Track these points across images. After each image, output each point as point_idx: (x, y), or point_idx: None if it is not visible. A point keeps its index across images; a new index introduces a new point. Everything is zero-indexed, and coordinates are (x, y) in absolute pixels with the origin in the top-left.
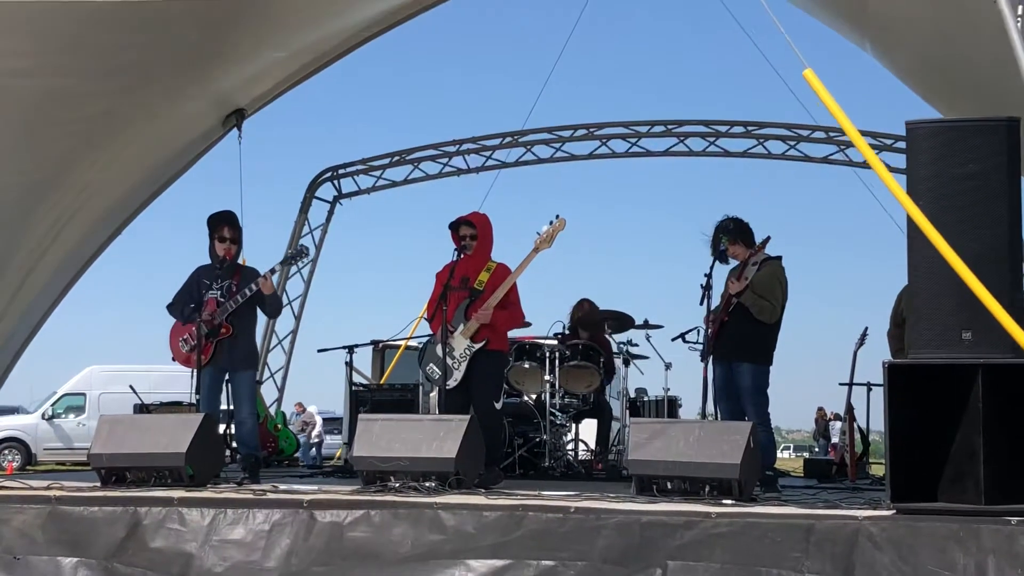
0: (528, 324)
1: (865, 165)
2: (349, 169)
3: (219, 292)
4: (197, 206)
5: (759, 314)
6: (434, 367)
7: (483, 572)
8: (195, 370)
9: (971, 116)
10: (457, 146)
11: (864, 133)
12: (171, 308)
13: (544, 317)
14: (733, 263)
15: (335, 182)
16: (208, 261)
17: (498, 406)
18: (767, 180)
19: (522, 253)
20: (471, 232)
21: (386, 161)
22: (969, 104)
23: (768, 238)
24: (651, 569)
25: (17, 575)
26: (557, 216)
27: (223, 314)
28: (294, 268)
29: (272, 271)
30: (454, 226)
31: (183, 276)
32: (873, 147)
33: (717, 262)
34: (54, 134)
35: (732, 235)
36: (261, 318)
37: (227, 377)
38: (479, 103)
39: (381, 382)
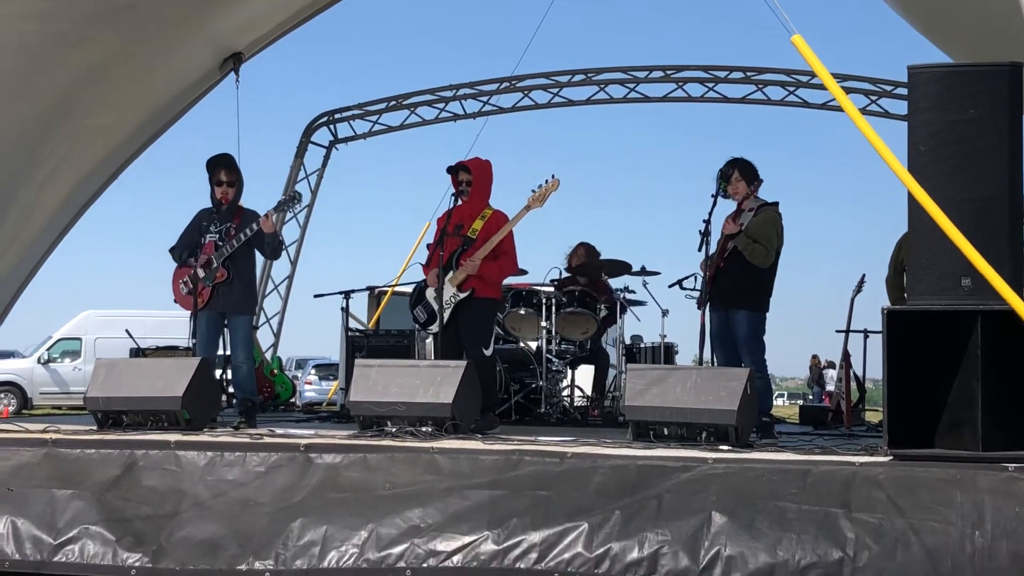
0: (524, 272)
1: (863, 111)
2: (345, 114)
3: (218, 235)
4: (194, 151)
5: (752, 257)
6: (420, 310)
7: (479, 500)
8: (192, 313)
9: (973, 56)
10: (454, 91)
11: (865, 79)
12: (172, 251)
13: (540, 263)
14: (733, 206)
15: (331, 127)
16: (210, 205)
17: (488, 352)
18: (766, 126)
19: (517, 200)
20: (467, 178)
21: (382, 106)
22: (969, 45)
23: (760, 181)
24: (647, 500)
25: (10, 505)
26: (552, 176)
27: (220, 257)
28: (289, 214)
29: (266, 215)
30: (453, 171)
31: (179, 221)
32: (874, 93)
33: (720, 197)
34: (53, 78)
35: (739, 166)
36: (261, 263)
37: (225, 321)
38: (476, 48)
39: (370, 325)
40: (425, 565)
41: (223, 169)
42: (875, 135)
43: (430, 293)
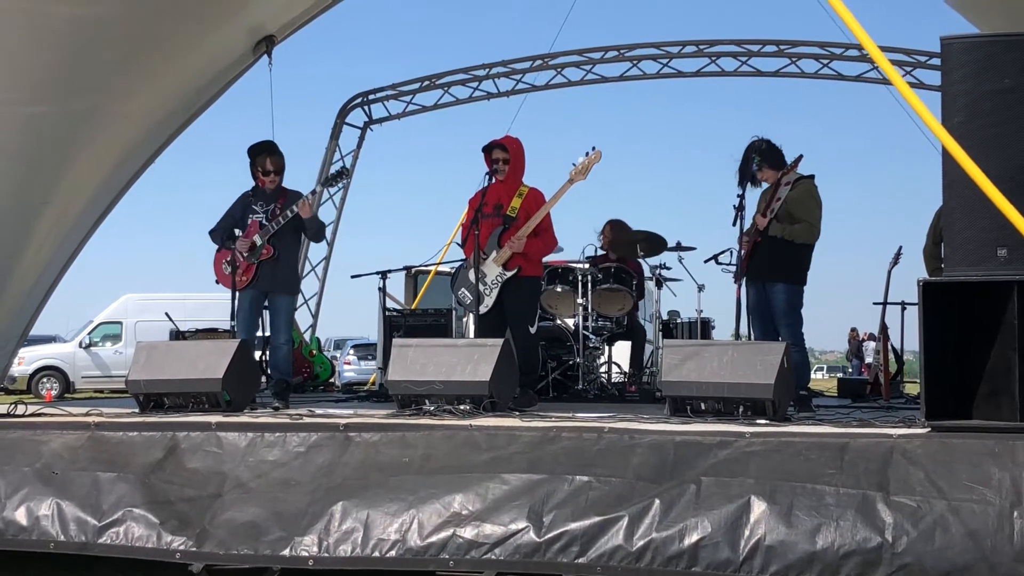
0: (560, 249)
1: None
2: (379, 95)
3: (263, 215)
4: (229, 134)
5: (795, 238)
6: (466, 292)
7: (518, 485)
8: (232, 292)
9: (1004, 30)
10: (487, 70)
11: (899, 50)
12: (212, 233)
13: (575, 240)
14: (764, 187)
15: (365, 108)
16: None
17: (533, 330)
18: (800, 100)
19: (553, 177)
20: (503, 156)
21: (416, 86)
22: (1001, 18)
23: (800, 156)
24: (685, 484)
25: (55, 488)
26: (593, 148)
27: (266, 235)
28: (325, 195)
29: (313, 192)
30: (487, 149)
31: (215, 204)
32: (907, 64)
33: (749, 184)
34: (89, 63)
35: (763, 156)
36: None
37: (266, 302)
38: (509, 27)
39: (413, 307)
40: (468, 556)
41: (268, 157)
42: (912, 94)
43: (472, 274)
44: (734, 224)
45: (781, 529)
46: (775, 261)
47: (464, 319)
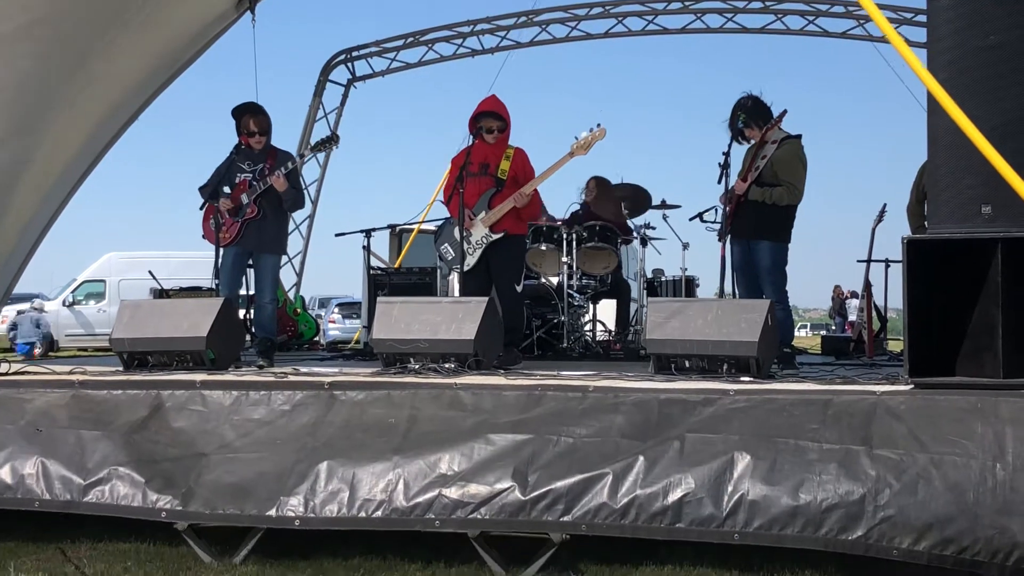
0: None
1: (884, 40)
2: (363, 52)
3: (251, 175)
4: (213, 91)
5: (777, 201)
6: (448, 247)
7: (504, 445)
8: (216, 248)
9: None
10: (471, 26)
11: (884, 7)
12: (202, 189)
13: (560, 199)
14: (750, 145)
15: (349, 65)
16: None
17: (519, 289)
18: (785, 58)
19: (538, 134)
20: (499, 124)
21: (400, 43)
22: None
23: (784, 111)
24: (669, 442)
25: (39, 446)
26: (598, 124)
27: (252, 194)
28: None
29: (300, 156)
30: (476, 118)
31: (198, 162)
32: (894, 20)
33: (734, 142)
34: (69, 22)
35: (749, 113)
36: None
37: (250, 260)
38: None
39: (396, 265)
40: (454, 516)
41: (252, 118)
42: (903, 43)
43: (457, 232)
44: (719, 182)
45: (764, 484)
46: (759, 220)
47: (448, 277)
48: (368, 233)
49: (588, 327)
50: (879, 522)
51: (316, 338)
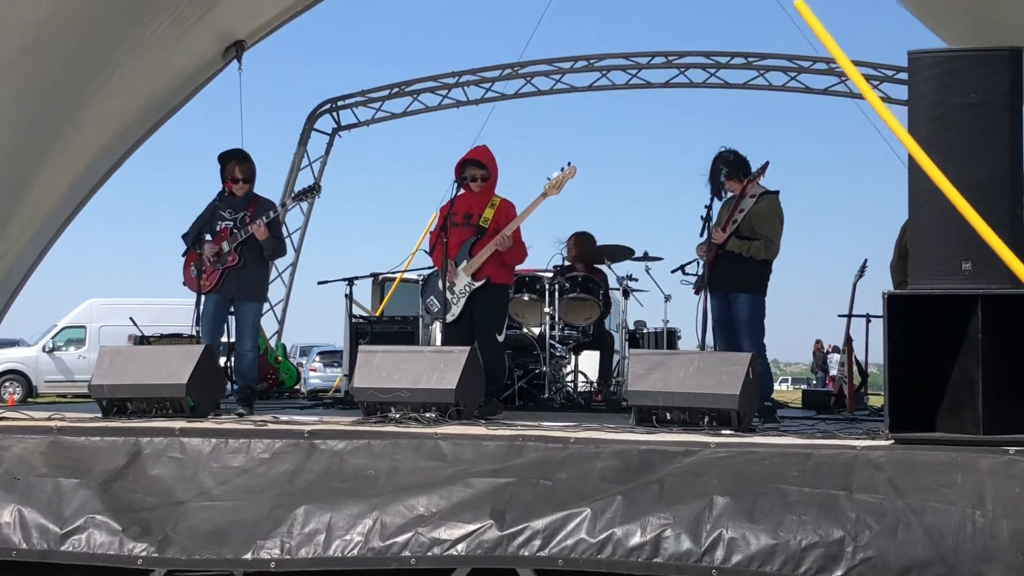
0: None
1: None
2: (348, 101)
3: (233, 222)
4: (198, 139)
5: (753, 254)
6: (435, 300)
7: (483, 488)
8: (197, 295)
9: (970, 43)
10: (456, 78)
11: (866, 64)
12: (185, 237)
13: (543, 249)
14: (728, 197)
15: (334, 114)
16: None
17: (501, 339)
18: (768, 112)
19: (521, 185)
20: (483, 173)
21: (385, 93)
22: (958, 26)
23: (767, 163)
24: (650, 484)
25: (17, 494)
26: (568, 163)
27: (234, 242)
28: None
29: (283, 204)
30: (462, 166)
31: (182, 210)
32: (875, 78)
33: (714, 197)
34: (60, 63)
35: (731, 167)
36: None
37: (231, 308)
38: (478, 34)
39: (378, 313)
40: (430, 554)
41: (237, 165)
42: (881, 103)
43: (441, 283)
44: (701, 235)
45: (744, 522)
46: (738, 273)
47: (431, 327)
48: (351, 281)
49: (570, 378)
50: (859, 563)
51: (297, 386)
